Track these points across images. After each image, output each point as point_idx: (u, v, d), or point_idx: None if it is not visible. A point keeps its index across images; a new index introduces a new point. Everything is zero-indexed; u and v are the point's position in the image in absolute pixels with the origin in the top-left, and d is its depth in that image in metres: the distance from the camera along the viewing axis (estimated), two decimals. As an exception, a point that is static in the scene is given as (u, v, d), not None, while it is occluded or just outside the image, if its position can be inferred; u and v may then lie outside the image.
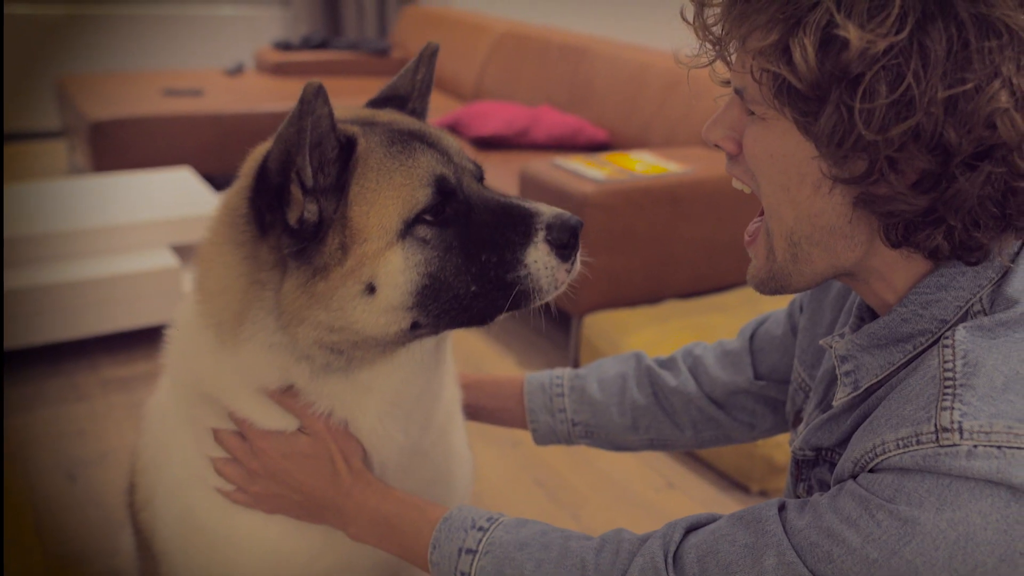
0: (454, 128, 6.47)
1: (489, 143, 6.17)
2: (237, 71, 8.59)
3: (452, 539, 1.62)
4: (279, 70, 8.66)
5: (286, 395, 1.69)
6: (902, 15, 1.18)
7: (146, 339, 4.68)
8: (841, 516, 1.29)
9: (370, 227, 1.56)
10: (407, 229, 1.57)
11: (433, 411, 1.85)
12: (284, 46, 9.15)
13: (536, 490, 3.79)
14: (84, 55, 9.11)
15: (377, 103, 1.90)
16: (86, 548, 3.35)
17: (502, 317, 1.66)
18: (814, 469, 1.64)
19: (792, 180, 1.38)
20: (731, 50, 1.42)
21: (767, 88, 1.32)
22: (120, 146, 6.54)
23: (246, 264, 1.62)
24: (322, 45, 9.24)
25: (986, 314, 1.35)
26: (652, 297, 4.89)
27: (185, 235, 4.90)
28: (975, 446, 1.20)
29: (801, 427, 1.71)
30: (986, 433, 1.20)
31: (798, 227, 1.41)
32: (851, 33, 1.19)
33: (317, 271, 1.57)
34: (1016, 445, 1.19)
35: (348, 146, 1.58)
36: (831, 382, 1.65)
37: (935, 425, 1.23)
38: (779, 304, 1.92)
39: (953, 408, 1.23)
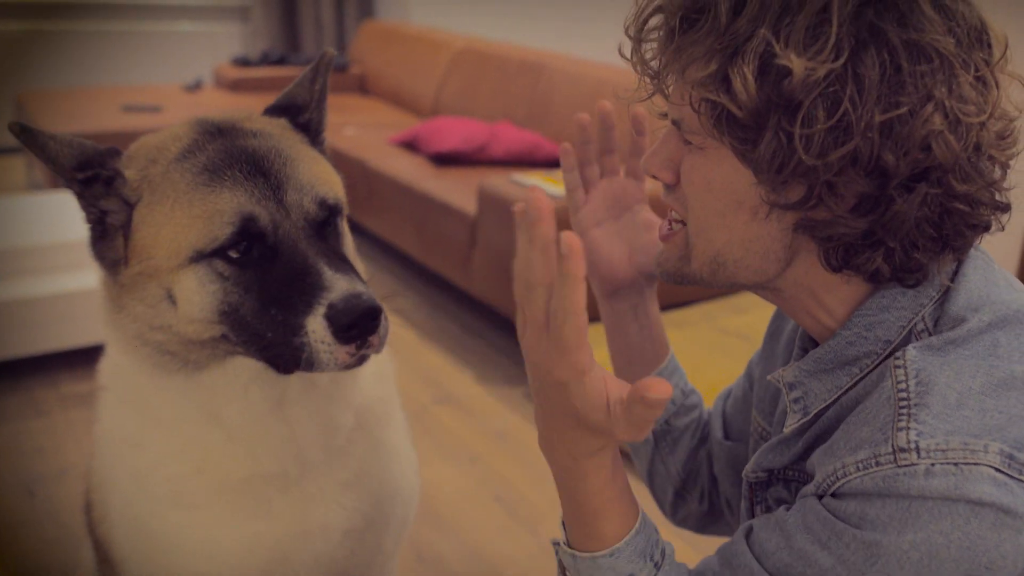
0: (413, 144, 6.49)
1: (447, 159, 6.17)
2: (196, 87, 8.56)
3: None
4: (237, 86, 8.64)
5: None
6: (838, 42, 1.21)
7: (105, 355, 4.61)
8: (812, 537, 1.30)
9: (158, 246, 1.62)
10: (200, 257, 1.60)
11: (334, 414, 1.86)
12: (242, 62, 9.14)
13: (495, 506, 3.80)
14: (43, 71, 9.07)
15: (274, 111, 1.90)
16: (45, 564, 3.34)
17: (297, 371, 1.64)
18: (768, 490, 1.63)
19: (729, 207, 1.39)
20: (669, 83, 1.44)
21: (706, 117, 1.34)
22: (79, 162, 6.50)
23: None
24: (280, 61, 9.23)
25: (930, 333, 1.37)
26: (611, 313, 4.90)
27: (144, 251, 4.84)
28: (933, 464, 1.20)
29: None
30: (943, 451, 1.21)
31: (728, 250, 1.43)
32: (792, 61, 1.21)
33: (115, 263, 1.68)
34: (972, 461, 1.20)
35: (106, 178, 1.67)
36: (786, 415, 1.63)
37: (892, 446, 1.24)
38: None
39: (909, 428, 1.24)
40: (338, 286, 1.57)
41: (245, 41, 10.12)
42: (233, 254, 1.60)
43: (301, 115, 1.90)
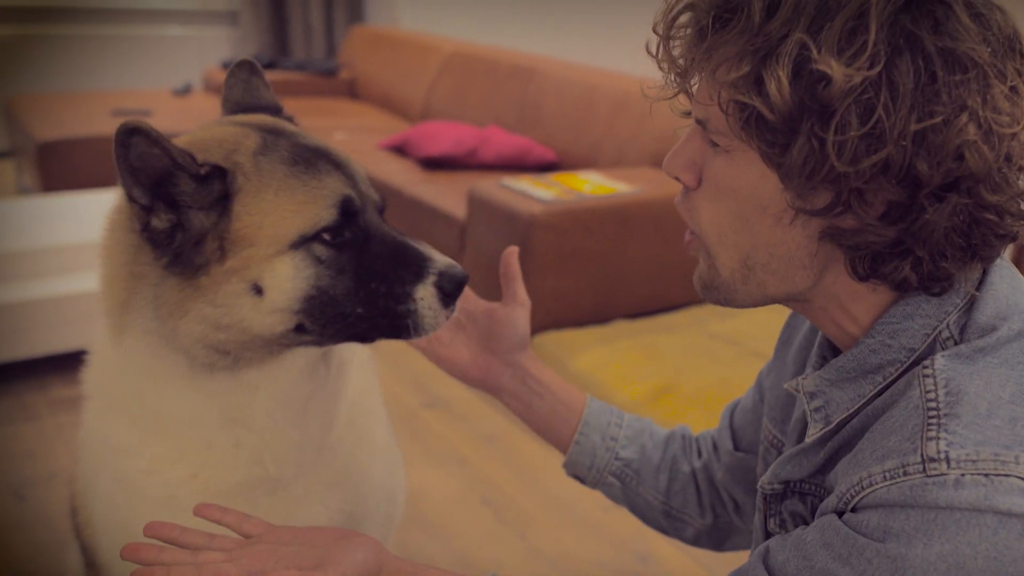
0: (402, 149, 6.49)
1: (437, 163, 6.18)
2: (185, 91, 8.57)
3: None
4: (227, 90, 8.60)
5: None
6: (875, 49, 1.20)
7: (95, 359, 4.57)
8: (833, 554, 1.28)
9: (262, 234, 1.62)
10: (302, 243, 1.63)
11: (334, 411, 1.90)
12: (232, 66, 9.13)
13: (483, 510, 3.80)
14: (32, 75, 9.05)
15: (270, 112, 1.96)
16: (35, 568, 3.33)
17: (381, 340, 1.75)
18: (784, 502, 1.61)
19: (753, 211, 1.38)
20: (694, 81, 1.42)
21: (735, 119, 1.32)
22: (68, 166, 6.51)
23: (128, 255, 1.69)
24: (270, 65, 9.21)
25: (956, 341, 1.35)
26: (600, 317, 4.92)
27: (134, 255, 4.83)
28: (963, 475, 1.19)
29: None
30: (973, 461, 1.19)
31: (755, 254, 1.41)
32: (831, 67, 1.20)
33: (199, 268, 1.63)
34: (1003, 472, 1.18)
35: (218, 170, 1.62)
36: (805, 426, 1.60)
37: (922, 455, 1.22)
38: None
39: (939, 438, 1.22)
40: (438, 258, 1.73)
41: (234, 45, 10.10)
42: (328, 237, 1.65)
43: (280, 114, 1.97)
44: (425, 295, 1.69)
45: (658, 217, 4.85)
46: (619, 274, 4.91)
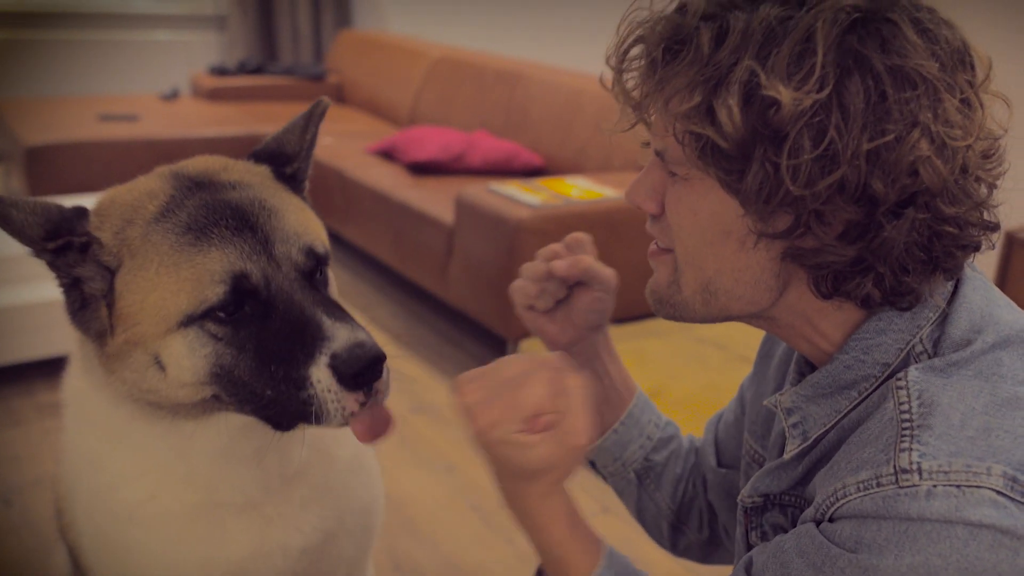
0: (390, 153, 6.49)
1: (425, 168, 6.17)
2: (172, 96, 8.56)
3: None
4: (214, 95, 8.65)
5: None
6: (823, 71, 1.21)
7: (81, 364, 4.56)
8: (807, 562, 1.29)
9: (145, 312, 1.56)
10: (191, 321, 1.56)
11: (290, 447, 1.83)
12: (220, 71, 9.12)
13: (471, 515, 3.80)
14: (19, 80, 9.02)
15: (259, 157, 1.84)
16: (22, 572, 3.33)
17: (303, 427, 1.64)
18: (764, 515, 1.62)
19: (717, 236, 1.39)
20: (651, 112, 1.43)
21: (691, 149, 1.33)
22: (55, 171, 6.50)
23: None
24: (258, 70, 9.22)
25: (930, 355, 1.36)
26: (587, 322, 4.90)
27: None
28: (934, 486, 1.19)
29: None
30: (945, 472, 1.20)
31: (718, 279, 1.42)
32: (780, 92, 1.21)
33: (100, 334, 1.62)
34: (974, 484, 1.19)
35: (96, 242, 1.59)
36: (785, 440, 1.60)
37: (894, 467, 1.23)
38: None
39: (912, 449, 1.23)
40: (340, 335, 1.56)
41: (222, 50, 10.09)
42: (223, 314, 1.56)
43: (288, 165, 1.85)
44: (322, 378, 1.53)
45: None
46: (606, 279, 4.90)
